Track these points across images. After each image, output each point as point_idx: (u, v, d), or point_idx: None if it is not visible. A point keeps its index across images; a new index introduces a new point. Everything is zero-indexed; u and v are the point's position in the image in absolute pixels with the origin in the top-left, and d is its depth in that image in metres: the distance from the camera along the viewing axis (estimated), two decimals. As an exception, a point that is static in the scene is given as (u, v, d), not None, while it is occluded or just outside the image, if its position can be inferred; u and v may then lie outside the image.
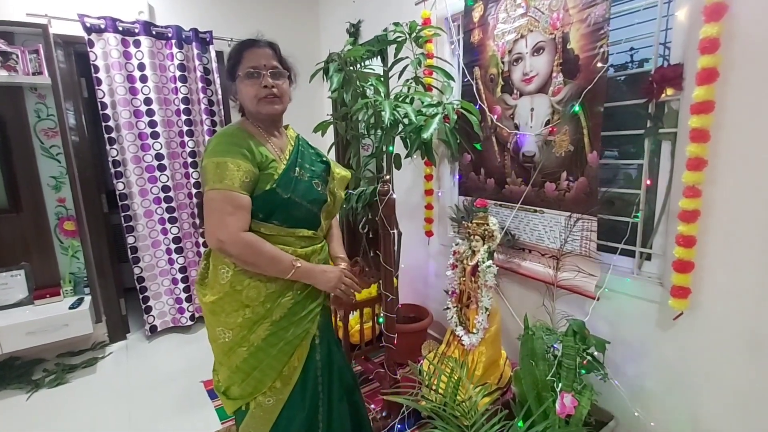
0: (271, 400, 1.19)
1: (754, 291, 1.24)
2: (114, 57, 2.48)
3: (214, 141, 1.11)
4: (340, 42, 2.83)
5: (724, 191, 1.25)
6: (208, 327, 1.20)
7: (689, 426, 1.43)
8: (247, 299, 1.13)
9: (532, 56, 1.70)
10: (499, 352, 1.77)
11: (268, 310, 1.15)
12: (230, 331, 1.15)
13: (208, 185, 1.07)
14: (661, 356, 1.48)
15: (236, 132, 1.13)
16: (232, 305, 1.13)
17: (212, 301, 1.14)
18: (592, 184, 1.55)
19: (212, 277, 1.16)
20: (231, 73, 1.17)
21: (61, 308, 2.42)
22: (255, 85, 1.12)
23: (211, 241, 1.07)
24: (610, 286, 1.56)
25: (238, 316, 1.13)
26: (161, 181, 2.72)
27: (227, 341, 1.16)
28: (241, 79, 1.14)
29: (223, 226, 1.04)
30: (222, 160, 1.06)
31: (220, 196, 1.05)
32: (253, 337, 1.15)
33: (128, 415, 2.03)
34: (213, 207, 1.06)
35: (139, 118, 2.61)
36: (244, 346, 1.15)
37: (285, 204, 1.14)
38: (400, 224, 1.84)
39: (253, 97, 1.13)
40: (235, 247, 1.06)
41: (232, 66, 1.16)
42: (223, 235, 1.04)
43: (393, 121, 1.79)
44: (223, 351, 1.17)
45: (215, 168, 1.05)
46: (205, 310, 1.19)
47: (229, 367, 1.17)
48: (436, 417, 1.37)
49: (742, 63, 1.18)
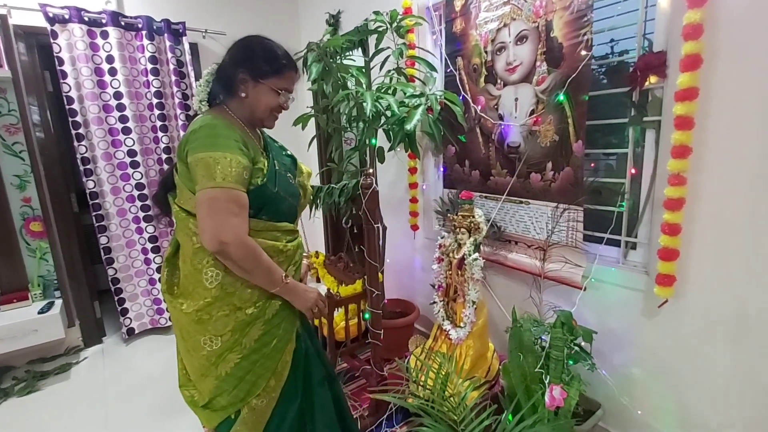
0: (264, 401, 1.15)
1: (738, 278, 1.24)
2: (80, 49, 2.35)
3: (202, 134, 1.02)
4: (320, 33, 2.76)
5: (709, 179, 1.25)
6: (187, 338, 1.12)
7: (675, 412, 1.44)
8: (240, 301, 1.08)
9: (516, 45, 1.67)
10: (486, 345, 1.76)
11: (260, 309, 1.10)
12: (219, 338, 1.08)
13: (204, 183, 0.98)
14: (647, 344, 1.49)
15: (227, 124, 1.06)
16: (222, 310, 1.07)
17: (197, 309, 1.07)
18: (577, 173, 1.54)
19: (189, 283, 1.09)
20: (257, 71, 1.09)
21: (30, 313, 2.31)
22: (278, 102, 1.14)
23: (211, 243, 0.98)
24: (596, 276, 1.56)
25: (230, 321, 1.07)
26: (134, 178, 2.61)
27: (215, 349, 1.09)
28: (268, 89, 1.11)
29: (228, 227, 0.98)
30: (220, 155, 0.99)
31: (224, 195, 0.98)
32: (245, 340, 1.10)
33: (104, 421, 1.95)
34: (216, 207, 0.98)
35: (109, 113, 2.49)
36: (235, 350, 1.09)
37: (273, 198, 1.12)
38: (384, 219, 1.80)
39: (268, 108, 1.14)
40: (239, 250, 1.00)
41: (264, 70, 1.10)
42: (227, 236, 0.97)
43: (375, 113, 1.74)
44: (210, 361, 1.10)
45: (213, 164, 0.98)
46: (186, 320, 1.09)
47: (217, 377, 1.10)
48: (424, 414, 1.34)
49: (726, 49, 1.17)
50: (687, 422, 1.42)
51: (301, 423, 1.22)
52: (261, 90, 1.10)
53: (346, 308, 2.14)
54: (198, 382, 1.15)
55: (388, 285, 2.37)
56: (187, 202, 1.07)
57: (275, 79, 1.11)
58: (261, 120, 1.16)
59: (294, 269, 1.20)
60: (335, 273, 2.28)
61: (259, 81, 1.09)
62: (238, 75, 1.09)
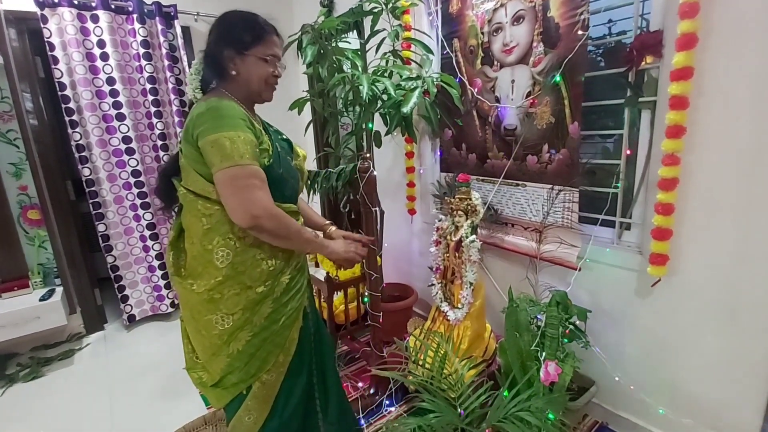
0: (273, 375, 1.18)
1: (730, 257, 1.27)
2: (70, 33, 2.32)
3: (210, 115, 1.02)
4: (313, 16, 2.72)
5: (703, 159, 1.26)
6: (198, 317, 1.13)
7: (666, 388, 1.49)
8: (250, 280, 1.10)
9: (512, 26, 1.66)
10: (483, 325, 1.79)
11: (269, 288, 1.13)
12: (231, 317, 1.10)
13: (222, 164, 0.99)
14: (640, 322, 1.52)
15: (233, 104, 1.07)
16: (233, 288, 1.09)
17: (209, 288, 1.09)
18: (573, 155, 1.55)
19: (199, 264, 1.10)
20: (241, 44, 1.09)
21: (31, 300, 2.32)
22: (268, 71, 1.13)
23: (243, 219, 1.00)
24: (591, 257, 1.59)
25: (241, 300, 1.10)
26: (130, 165, 2.59)
27: (227, 328, 1.11)
28: (256, 59, 1.11)
29: (257, 200, 1.01)
30: (233, 134, 1.00)
31: (245, 171, 1.00)
32: (255, 318, 1.12)
33: (109, 405, 1.99)
34: (240, 184, 1.00)
35: (103, 99, 2.46)
36: (246, 329, 1.12)
37: (279, 179, 1.13)
38: (382, 203, 1.81)
39: (262, 79, 1.13)
40: (271, 221, 1.03)
41: (246, 41, 1.09)
42: (257, 210, 1.00)
43: (372, 97, 1.74)
44: (222, 340, 1.12)
45: (229, 144, 0.99)
46: (197, 300, 1.11)
47: (229, 355, 1.13)
48: (424, 391, 1.38)
49: (720, 29, 1.17)
50: (677, 397, 1.46)
51: (309, 397, 1.27)
52: (249, 62, 1.10)
53: (346, 292, 2.17)
54: (208, 362, 1.17)
55: (386, 269, 2.40)
56: (194, 184, 1.07)
57: (259, 46, 1.10)
58: (258, 93, 1.15)
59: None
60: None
61: (244, 53, 1.09)
62: (224, 53, 1.09)
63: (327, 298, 2.15)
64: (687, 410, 1.44)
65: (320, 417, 1.31)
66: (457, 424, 1.26)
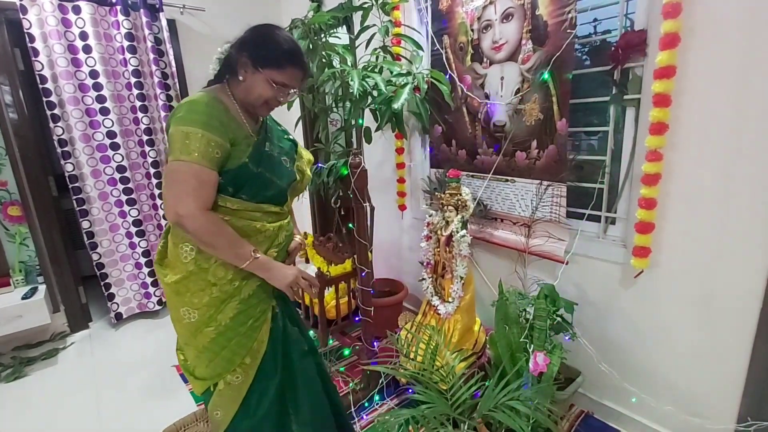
0: (239, 377, 1.18)
1: (707, 250, 1.32)
2: (51, 25, 2.25)
3: (184, 108, 1.04)
4: (303, 11, 2.70)
5: (684, 155, 1.31)
6: (171, 308, 1.17)
7: (648, 376, 1.54)
8: (215, 278, 1.10)
9: (502, 23, 1.68)
10: (473, 319, 1.82)
11: (236, 288, 1.13)
12: (196, 311, 1.12)
13: (173, 155, 1.01)
14: (624, 313, 1.57)
15: (211, 102, 1.06)
16: (197, 284, 1.11)
17: (175, 281, 1.11)
18: (561, 151, 1.58)
19: (172, 256, 1.13)
20: (258, 59, 1.07)
21: (13, 299, 2.27)
22: (272, 94, 1.10)
23: (169, 214, 1.02)
24: (577, 251, 1.63)
25: (204, 296, 1.11)
26: (115, 160, 2.54)
27: (192, 321, 1.13)
28: (265, 79, 1.08)
29: (185, 199, 1.00)
30: (193, 130, 1.00)
31: (186, 168, 1.00)
32: (220, 316, 1.12)
33: (96, 404, 1.96)
34: (176, 179, 1.01)
35: (86, 93, 2.41)
36: (211, 326, 1.13)
37: (255, 178, 1.12)
38: (372, 199, 1.82)
39: (261, 98, 1.11)
40: (194, 222, 1.01)
41: (264, 59, 1.07)
42: (182, 209, 1.00)
43: (362, 92, 1.74)
44: (190, 331, 1.15)
45: (184, 138, 1.00)
46: (168, 290, 1.15)
47: (196, 347, 1.16)
48: (416, 383, 1.40)
49: (702, 29, 1.21)
50: (658, 384, 1.52)
51: (282, 398, 1.24)
52: (257, 78, 1.08)
53: (337, 287, 2.17)
54: (184, 349, 1.23)
55: (376, 265, 2.41)
56: None
57: (274, 71, 1.08)
58: (252, 106, 1.14)
59: (276, 251, 1.20)
60: (324, 253, 2.30)
61: (257, 69, 1.08)
62: (241, 58, 1.08)
63: (317, 293, 2.15)
64: (668, 398, 1.49)
65: (292, 418, 1.27)
66: (450, 414, 1.28)
